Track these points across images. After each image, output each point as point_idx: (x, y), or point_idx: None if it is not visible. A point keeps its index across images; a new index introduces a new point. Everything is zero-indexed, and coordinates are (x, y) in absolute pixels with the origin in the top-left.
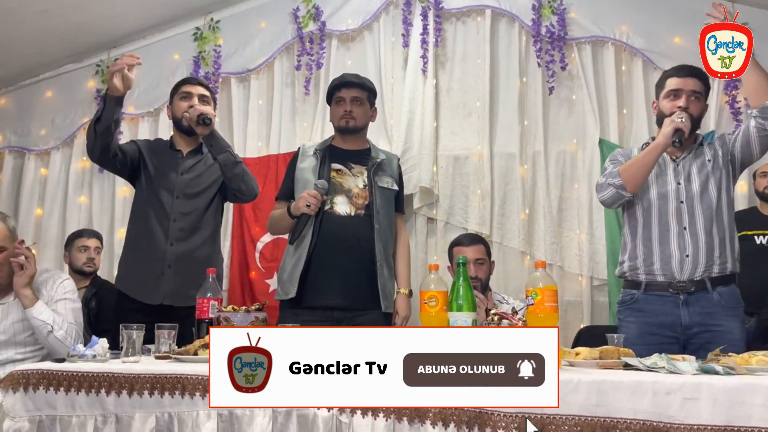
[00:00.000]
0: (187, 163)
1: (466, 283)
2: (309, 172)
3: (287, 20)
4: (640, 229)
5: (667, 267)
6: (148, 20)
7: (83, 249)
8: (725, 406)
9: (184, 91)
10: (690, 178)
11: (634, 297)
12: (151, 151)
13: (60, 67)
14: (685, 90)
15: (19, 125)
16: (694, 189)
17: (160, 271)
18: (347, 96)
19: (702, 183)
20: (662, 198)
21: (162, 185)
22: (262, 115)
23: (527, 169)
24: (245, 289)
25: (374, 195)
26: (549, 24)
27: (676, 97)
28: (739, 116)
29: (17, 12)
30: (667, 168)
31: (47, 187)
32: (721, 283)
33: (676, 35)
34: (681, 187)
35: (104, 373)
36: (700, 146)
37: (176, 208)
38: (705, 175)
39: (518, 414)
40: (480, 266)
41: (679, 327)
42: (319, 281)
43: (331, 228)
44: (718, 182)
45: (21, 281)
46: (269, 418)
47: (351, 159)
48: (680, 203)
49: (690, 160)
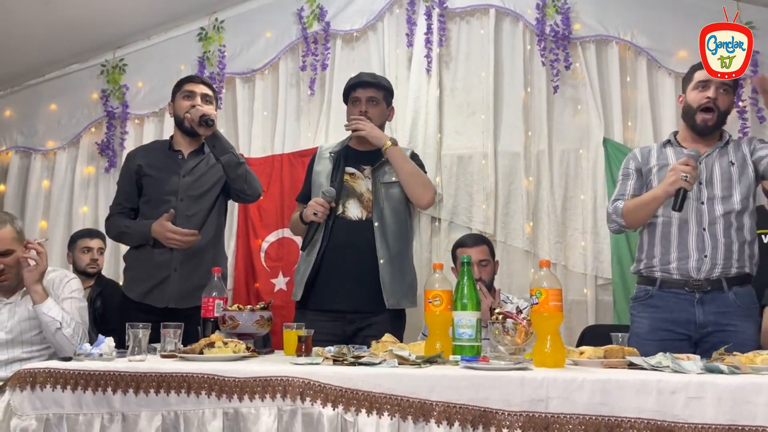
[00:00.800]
0: (188, 164)
1: (471, 283)
2: (323, 176)
3: (291, 20)
4: (659, 227)
5: (684, 266)
6: (152, 20)
7: (86, 250)
8: (730, 405)
9: (186, 89)
10: (712, 179)
11: (649, 293)
12: (149, 160)
13: (65, 67)
14: (714, 81)
15: (25, 125)
16: (716, 191)
17: (166, 275)
18: (363, 96)
19: (725, 186)
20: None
21: (165, 189)
22: (267, 115)
23: (531, 169)
24: (250, 288)
25: (376, 193)
26: (553, 23)
27: (705, 88)
28: (744, 115)
29: (21, 10)
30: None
31: (53, 188)
32: (737, 284)
33: (681, 34)
34: (702, 187)
35: (111, 372)
36: (725, 145)
37: (181, 210)
38: (728, 177)
39: (523, 413)
40: (483, 267)
41: (693, 325)
42: (329, 284)
43: (341, 232)
44: (741, 186)
45: (32, 277)
46: (274, 416)
47: (364, 161)
48: (701, 204)
49: (714, 159)
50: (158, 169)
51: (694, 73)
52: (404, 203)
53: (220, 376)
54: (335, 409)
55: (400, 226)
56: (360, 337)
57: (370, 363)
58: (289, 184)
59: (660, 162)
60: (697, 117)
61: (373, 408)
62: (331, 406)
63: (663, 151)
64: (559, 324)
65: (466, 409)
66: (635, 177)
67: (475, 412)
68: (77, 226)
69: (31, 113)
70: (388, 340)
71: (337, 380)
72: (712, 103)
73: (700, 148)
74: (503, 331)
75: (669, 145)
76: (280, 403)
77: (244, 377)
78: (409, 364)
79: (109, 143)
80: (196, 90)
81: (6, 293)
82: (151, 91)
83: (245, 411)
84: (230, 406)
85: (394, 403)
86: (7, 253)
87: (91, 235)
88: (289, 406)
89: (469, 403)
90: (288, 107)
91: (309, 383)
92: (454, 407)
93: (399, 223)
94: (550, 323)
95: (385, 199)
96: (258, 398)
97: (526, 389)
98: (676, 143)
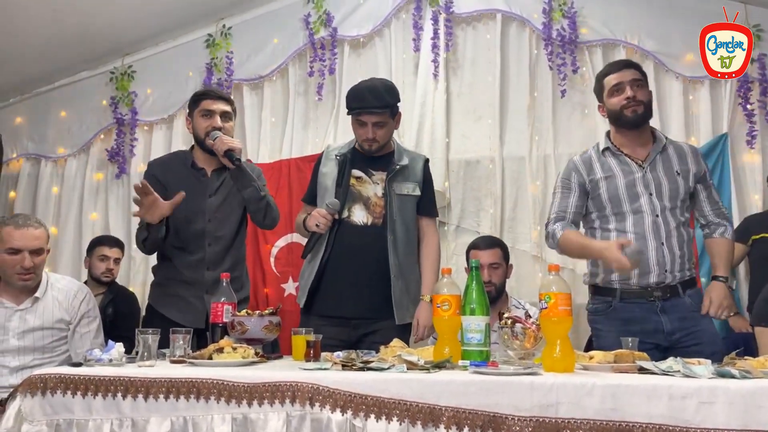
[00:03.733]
0: (213, 184)
1: (479, 287)
2: (329, 179)
3: (299, 26)
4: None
5: (645, 280)
6: (160, 27)
7: (103, 258)
8: (741, 410)
9: (205, 108)
10: (661, 190)
11: (610, 305)
12: (172, 177)
13: (75, 74)
14: (626, 81)
15: (35, 132)
16: (665, 202)
17: (199, 296)
18: (369, 121)
19: (672, 196)
20: (637, 213)
21: (193, 209)
22: (275, 121)
23: (538, 173)
24: (260, 293)
25: (390, 204)
26: (560, 27)
27: (620, 91)
28: (752, 118)
29: (32, 20)
30: (635, 176)
31: (63, 194)
32: (690, 286)
33: (687, 38)
34: (653, 198)
35: (120, 378)
36: (664, 150)
37: (210, 232)
38: (675, 188)
39: (532, 418)
40: (494, 270)
41: (662, 334)
42: (332, 290)
43: (346, 237)
44: (685, 195)
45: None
46: (283, 421)
47: (372, 164)
48: (656, 217)
49: (658, 166)
50: (184, 187)
51: (603, 80)
52: (415, 215)
53: (229, 381)
54: (344, 414)
55: (410, 237)
56: (366, 343)
57: (378, 368)
58: (297, 190)
59: (605, 172)
60: (626, 112)
61: (382, 413)
62: (340, 412)
63: (605, 160)
64: (569, 328)
65: (476, 414)
66: (577, 193)
67: (484, 418)
68: (87, 232)
69: (41, 120)
70: (397, 345)
71: (346, 385)
72: (633, 100)
73: (637, 151)
74: (512, 335)
75: (609, 153)
76: (289, 409)
77: (253, 382)
78: (417, 369)
79: (119, 150)
80: (214, 108)
81: (17, 299)
82: (160, 98)
83: (254, 416)
84: (239, 411)
85: (402, 409)
86: (39, 252)
87: (110, 243)
88: (298, 411)
89: (478, 409)
90: (296, 113)
91: (318, 388)
92: (463, 412)
93: (409, 235)
94: (559, 328)
95: (398, 211)
96: (267, 403)
97: (535, 394)
98: (615, 149)
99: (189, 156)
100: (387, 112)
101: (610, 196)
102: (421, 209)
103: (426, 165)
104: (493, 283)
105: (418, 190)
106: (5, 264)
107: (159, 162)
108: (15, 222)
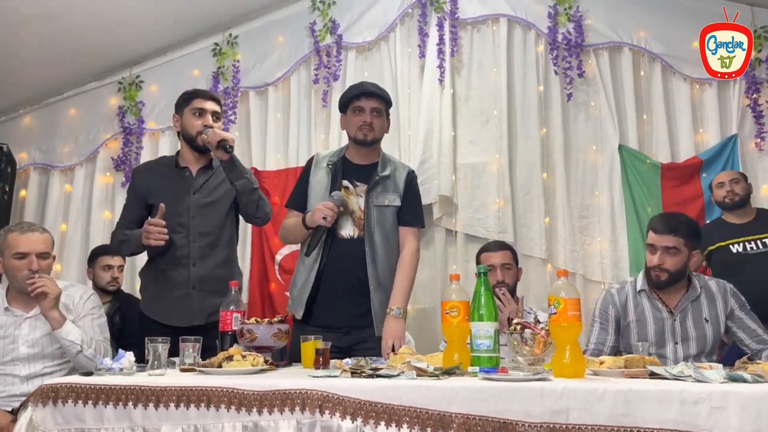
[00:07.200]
0: (198, 181)
1: (488, 293)
2: (321, 188)
3: (304, 34)
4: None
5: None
6: (168, 38)
7: (107, 268)
8: (754, 414)
9: (196, 106)
10: (687, 338)
11: None
12: (156, 183)
13: (83, 85)
14: (658, 246)
15: (44, 142)
16: (691, 350)
17: (185, 293)
18: (367, 106)
19: (699, 345)
20: (661, 358)
21: (176, 208)
22: (280, 128)
23: (547, 177)
24: (265, 301)
25: (369, 216)
26: (565, 31)
27: (652, 253)
28: (761, 119)
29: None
30: (665, 324)
31: (71, 202)
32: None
33: (694, 40)
34: (678, 347)
35: (131, 386)
36: (696, 299)
37: (194, 228)
38: (702, 335)
39: (543, 424)
40: (507, 270)
41: None
42: (324, 301)
43: (334, 250)
44: (713, 342)
45: (46, 305)
46: (293, 429)
47: (357, 176)
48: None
49: (687, 314)
50: (166, 190)
51: (648, 232)
52: (395, 225)
53: (239, 389)
54: (354, 421)
55: (390, 248)
56: (358, 351)
57: (388, 375)
58: None
59: (637, 316)
60: (652, 273)
61: (392, 420)
62: (350, 419)
63: (639, 301)
64: (578, 334)
65: (486, 420)
66: (614, 327)
67: (495, 424)
68: (96, 238)
69: (49, 130)
70: (406, 352)
71: (356, 393)
72: (658, 269)
73: (671, 295)
74: (522, 341)
75: (644, 295)
76: (299, 416)
77: (263, 390)
78: (427, 376)
79: (126, 158)
80: (206, 107)
81: (26, 307)
82: (166, 106)
83: (264, 424)
84: (249, 419)
85: (413, 416)
86: (45, 256)
87: (112, 252)
88: (308, 419)
89: (488, 415)
90: (301, 120)
91: (327, 396)
92: (473, 419)
93: (389, 246)
94: (568, 333)
95: (376, 223)
96: (277, 411)
97: (546, 400)
98: (651, 293)
99: (173, 159)
100: (384, 103)
101: (640, 339)
102: (401, 219)
103: (410, 175)
104: (506, 283)
105: (399, 200)
106: (14, 269)
107: (145, 168)
108: (20, 228)
